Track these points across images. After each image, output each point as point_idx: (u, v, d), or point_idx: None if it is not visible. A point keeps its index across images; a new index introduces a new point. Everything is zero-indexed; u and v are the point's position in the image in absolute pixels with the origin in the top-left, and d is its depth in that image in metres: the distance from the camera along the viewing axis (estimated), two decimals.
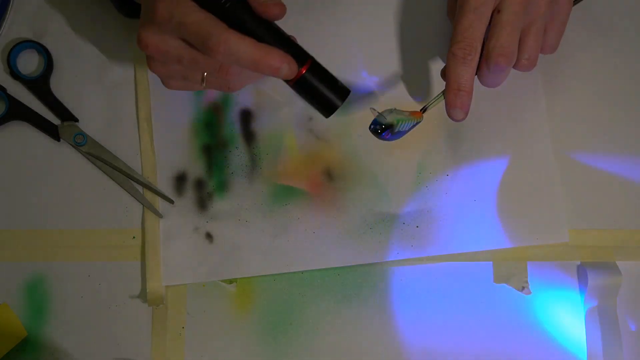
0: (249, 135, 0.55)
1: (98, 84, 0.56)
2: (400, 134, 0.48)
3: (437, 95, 0.49)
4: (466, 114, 0.47)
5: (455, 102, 0.47)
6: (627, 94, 0.55)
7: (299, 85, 0.46)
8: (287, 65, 0.44)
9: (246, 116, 0.56)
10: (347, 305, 0.53)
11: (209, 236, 0.54)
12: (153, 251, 0.54)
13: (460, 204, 0.54)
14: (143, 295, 0.54)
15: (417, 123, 0.49)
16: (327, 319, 0.53)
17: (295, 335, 0.53)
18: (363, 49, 0.56)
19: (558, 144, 0.55)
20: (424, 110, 0.49)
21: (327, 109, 0.47)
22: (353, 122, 0.55)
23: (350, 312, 0.53)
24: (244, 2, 0.44)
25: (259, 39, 0.44)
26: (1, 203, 0.55)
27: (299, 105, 0.55)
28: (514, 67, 0.48)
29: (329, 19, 0.56)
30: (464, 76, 0.46)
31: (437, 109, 0.49)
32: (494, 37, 0.46)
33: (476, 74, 0.47)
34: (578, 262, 0.54)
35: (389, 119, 0.48)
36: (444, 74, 0.49)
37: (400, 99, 0.55)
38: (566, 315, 0.53)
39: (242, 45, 0.43)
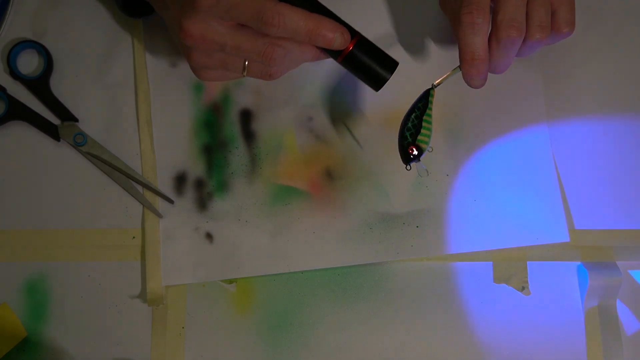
0: (249, 135, 0.55)
1: (98, 84, 0.56)
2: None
3: (452, 70, 0.48)
4: (485, 80, 0.47)
5: (471, 72, 0.46)
6: (627, 94, 0.55)
7: (348, 60, 0.47)
8: (341, 35, 0.44)
9: (246, 116, 0.56)
10: (347, 305, 0.53)
11: (209, 236, 0.54)
12: (153, 251, 0.54)
13: (460, 204, 0.54)
14: (143, 295, 0.54)
15: (428, 96, 0.49)
16: (327, 319, 0.53)
17: (295, 335, 0.53)
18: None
19: (558, 144, 0.55)
20: (436, 86, 0.48)
21: (377, 83, 0.47)
22: (353, 122, 0.55)
23: (350, 312, 0.53)
24: None
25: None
26: (1, 203, 0.55)
27: (299, 105, 0.55)
28: (527, 39, 0.46)
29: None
30: (477, 44, 0.45)
31: (436, 110, 0.49)
32: (500, 10, 0.45)
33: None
34: (578, 262, 0.54)
35: (423, 146, 0.48)
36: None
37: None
38: (566, 315, 0.53)
39: (295, 16, 0.43)
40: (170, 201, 0.55)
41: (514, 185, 0.54)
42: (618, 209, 0.54)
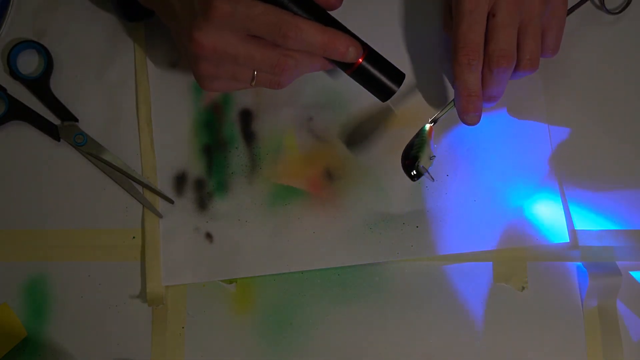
0: (249, 135, 0.55)
1: (98, 84, 0.56)
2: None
3: (447, 105, 0.50)
4: (479, 117, 0.49)
5: (468, 107, 0.48)
6: (627, 94, 0.55)
7: (358, 73, 0.48)
8: (354, 49, 0.46)
9: (246, 116, 0.56)
10: (347, 305, 0.53)
11: (208, 236, 0.54)
12: (153, 251, 0.54)
13: (460, 204, 0.54)
14: (143, 295, 0.54)
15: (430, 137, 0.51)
16: (327, 319, 0.53)
17: (295, 335, 0.53)
18: None
19: (558, 144, 0.55)
20: (434, 122, 0.51)
21: (385, 95, 0.49)
22: (353, 122, 0.55)
23: (350, 312, 0.53)
24: None
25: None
26: (1, 203, 0.55)
27: (299, 105, 0.55)
28: (517, 69, 0.49)
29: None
30: (472, 81, 0.48)
31: (436, 110, 0.49)
32: (492, 41, 0.47)
33: None
34: (578, 262, 0.54)
35: (423, 162, 0.50)
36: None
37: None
38: (566, 315, 0.53)
39: (312, 30, 0.44)
40: (170, 201, 0.55)
41: (514, 185, 0.54)
42: (618, 209, 0.54)
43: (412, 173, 0.50)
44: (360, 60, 0.47)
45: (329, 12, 0.47)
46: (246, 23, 0.43)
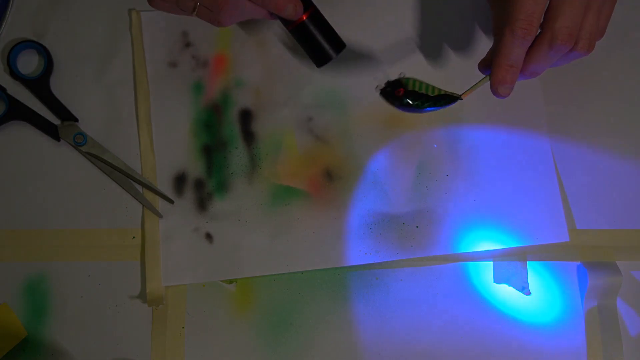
0: (249, 135, 0.55)
1: (98, 84, 0.56)
2: (418, 108, 0.46)
3: (479, 81, 0.47)
4: (512, 89, 0.46)
5: (506, 78, 0.45)
6: (627, 94, 0.55)
7: (298, 30, 0.47)
8: (292, 6, 0.45)
9: (246, 116, 0.56)
10: (347, 305, 0.53)
11: (208, 236, 0.54)
12: (153, 251, 0.54)
13: (460, 204, 0.54)
14: (143, 295, 0.54)
15: (451, 102, 0.46)
16: (327, 319, 0.53)
17: (295, 335, 0.53)
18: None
19: (558, 144, 0.55)
20: (461, 98, 0.47)
21: (321, 59, 0.48)
22: (353, 122, 0.55)
23: (350, 312, 0.53)
24: None
25: None
26: (1, 203, 0.55)
27: (299, 105, 0.55)
28: (574, 49, 0.46)
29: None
30: (519, 53, 0.45)
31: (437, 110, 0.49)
32: (560, 17, 0.44)
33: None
34: (578, 262, 0.54)
35: (400, 77, 0.46)
36: (484, 63, 0.48)
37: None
38: (566, 315, 0.53)
39: None
40: (170, 201, 0.55)
41: (514, 185, 0.54)
42: (618, 209, 0.54)
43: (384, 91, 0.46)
44: (303, 18, 0.46)
45: None
46: None
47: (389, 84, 0.46)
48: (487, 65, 0.47)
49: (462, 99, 0.47)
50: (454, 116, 0.55)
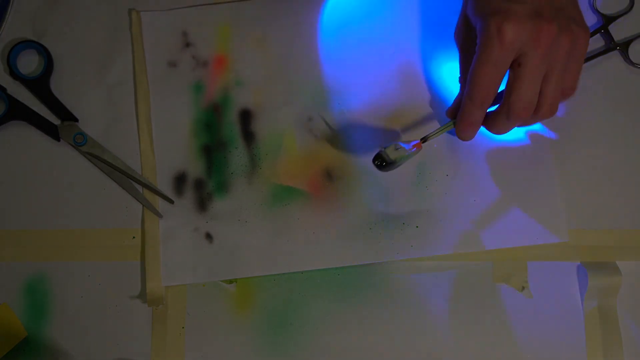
0: (248, 135, 0.55)
1: (98, 84, 0.56)
2: (399, 165, 0.49)
3: (443, 126, 0.50)
4: (474, 135, 0.50)
5: (467, 134, 0.49)
6: (628, 93, 0.55)
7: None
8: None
9: (246, 116, 0.56)
10: (347, 305, 0.53)
11: (208, 236, 0.54)
12: (153, 251, 0.54)
13: (460, 204, 0.54)
14: (143, 295, 0.54)
15: (416, 153, 0.50)
16: (327, 319, 0.53)
17: (295, 335, 0.53)
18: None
19: (558, 144, 0.55)
20: (424, 140, 0.50)
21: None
22: (353, 122, 0.55)
23: (350, 312, 0.53)
24: None
25: None
26: (1, 203, 0.55)
27: (299, 105, 0.55)
28: (536, 115, 0.47)
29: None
30: (479, 115, 0.48)
31: (436, 110, 0.49)
32: (515, 92, 0.46)
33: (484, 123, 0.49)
34: (578, 262, 0.54)
35: (392, 156, 0.48)
36: (451, 112, 0.50)
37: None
38: (566, 315, 0.53)
39: None
40: (170, 201, 0.55)
41: (514, 185, 0.54)
42: (618, 209, 0.54)
43: (376, 162, 0.48)
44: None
45: None
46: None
47: (384, 163, 0.48)
48: (453, 115, 0.50)
49: (423, 141, 0.50)
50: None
